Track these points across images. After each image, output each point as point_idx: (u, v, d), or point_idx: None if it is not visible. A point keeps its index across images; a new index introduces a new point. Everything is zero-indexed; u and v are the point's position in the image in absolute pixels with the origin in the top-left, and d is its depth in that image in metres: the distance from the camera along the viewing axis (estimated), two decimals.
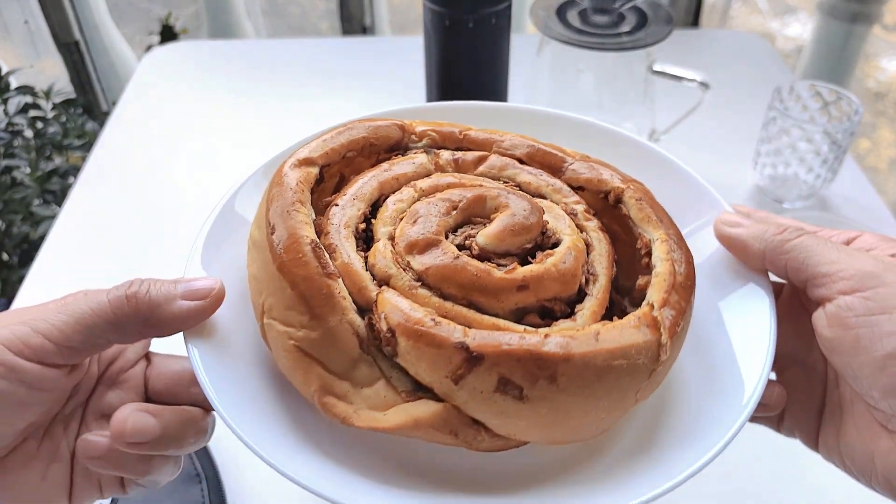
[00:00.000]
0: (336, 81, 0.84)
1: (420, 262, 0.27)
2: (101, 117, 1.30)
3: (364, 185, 0.30)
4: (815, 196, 0.67)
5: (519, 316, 0.27)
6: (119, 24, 1.48)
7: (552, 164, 0.33)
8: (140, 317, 0.26)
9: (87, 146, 1.07)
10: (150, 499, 0.42)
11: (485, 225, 0.29)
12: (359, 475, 0.26)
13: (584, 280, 0.28)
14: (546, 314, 0.27)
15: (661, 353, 0.26)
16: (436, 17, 0.52)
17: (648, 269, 0.29)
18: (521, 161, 0.33)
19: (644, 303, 0.28)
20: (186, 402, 0.29)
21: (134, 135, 0.77)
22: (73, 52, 1.38)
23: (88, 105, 1.39)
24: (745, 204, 0.67)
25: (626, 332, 0.25)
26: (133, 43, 1.56)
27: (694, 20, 1.18)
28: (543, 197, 0.31)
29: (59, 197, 0.99)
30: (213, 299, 0.27)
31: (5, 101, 1.08)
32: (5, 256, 1.00)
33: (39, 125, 1.09)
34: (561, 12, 0.64)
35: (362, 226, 0.29)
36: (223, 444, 0.47)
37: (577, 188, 0.32)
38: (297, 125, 0.66)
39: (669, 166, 0.36)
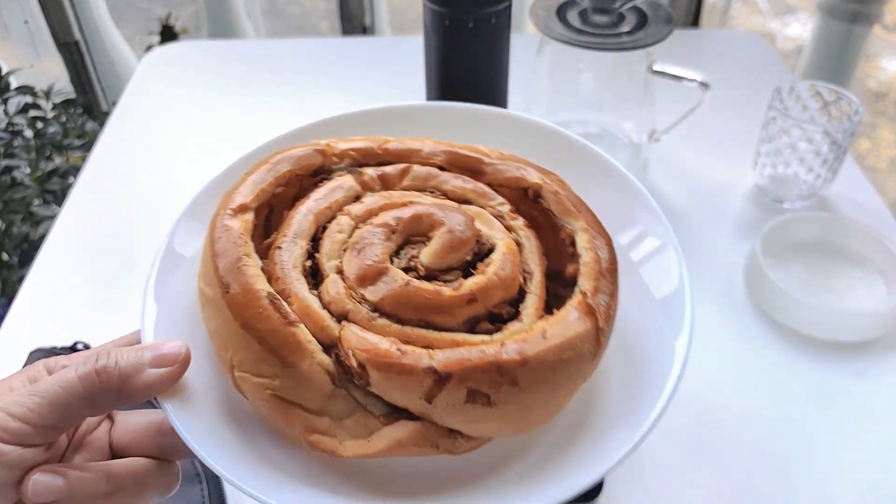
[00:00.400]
0: (336, 81, 0.84)
1: (373, 292, 0.29)
2: (101, 117, 1.30)
3: (301, 221, 0.31)
4: (815, 196, 0.67)
5: (471, 325, 0.29)
6: (119, 24, 1.48)
7: (472, 167, 0.34)
8: (112, 390, 0.27)
9: (87, 146, 1.07)
10: None
11: (424, 243, 0.30)
12: (327, 492, 0.28)
13: (522, 279, 0.30)
14: (495, 318, 0.29)
15: (601, 337, 0.29)
16: (436, 17, 0.52)
17: (574, 257, 0.31)
18: (441, 168, 0.34)
19: (576, 291, 0.30)
20: (153, 453, 0.30)
21: (134, 135, 0.77)
22: (73, 52, 1.38)
23: (88, 105, 1.39)
24: (745, 204, 0.67)
25: (569, 325, 0.28)
26: (133, 43, 1.56)
27: (694, 20, 1.18)
28: (470, 203, 0.33)
29: (59, 197, 0.99)
30: (182, 364, 0.28)
31: (5, 101, 1.08)
32: (5, 256, 1.00)
33: (39, 125, 1.09)
34: (561, 12, 0.64)
35: (308, 263, 0.30)
36: None
37: (498, 187, 0.34)
38: (296, 125, 0.66)
39: (584, 151, 0.37)
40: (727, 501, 0.45)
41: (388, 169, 0.34)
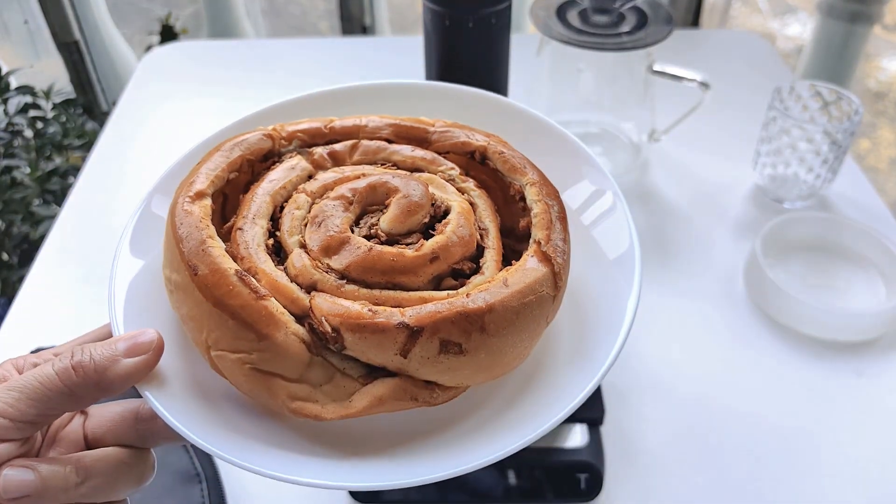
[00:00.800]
0: (336, 81, 0.84)
1: (338, 261, 0.30)
2: (100, 117, 1.30)
3: (258, 202, 0.32)
4: (815, 196, 0.67)
5: (436, 283, 0.30)
6: (119, 24, 1.48)
7: (418, 137, 0.36)
8: (91, 383, 0.28)
9: (87, 146, 1.07)
10: (150, 498, 0.42)
11: (382, 211, 0.32)
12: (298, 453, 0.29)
13: (479, 236, 0.32)
14: (458, 275, 0.31)
15: (558, 280, 0.31)
16: (436, 17, 0.52)
17: (525, 211, 0.33)
18: (389, 141, 0.36)
19: (531, 241, 0.32)
20: (129, 441, 0.30)
21: (134, 135, 0.77)
22: (72, 52, 1.38)
23: (88, 105, 1.39)
24: (745, 204, 0.67)
25: (528, 272, 0.30)
26: (133, 43, 1.56)
27: (694, 20, 1.18)
28: (421, 170, 0.34)
29: (59, 197, 0.99)
30: (156, 351, 0.29)
31: (5, 101, 1.08)
32: (5, 256, 1.00)
33: (39, 125, 1.09)
34: (561, 12, 0.64)
35: (270, 241, 0.31)
36: None
37: (445, 153, 0.35)
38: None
39: (522, 115, 0.39)
40: (727, 501, 0.45)
41: (338, 146, 0.35)
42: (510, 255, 0.32)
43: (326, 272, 0.29)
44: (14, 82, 1.13)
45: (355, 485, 0.28)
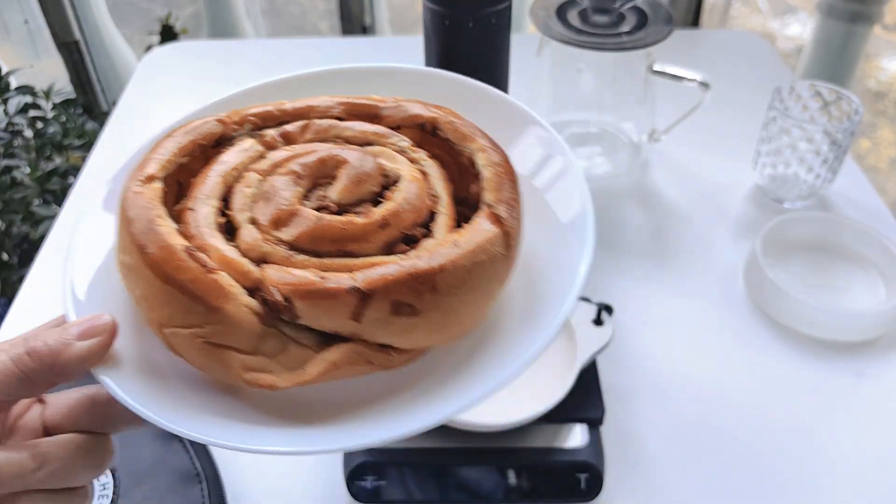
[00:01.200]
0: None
1: (289, 233, 0.30)
2: (100, 117, 1.30)
3: (209, 183, 0.32)
4: (815, 196, 0.67)
5: (388, 250, 0.30)
6: (119, 24, 1.48)
7: (369, 113, 0.36)
8: (45, 367, 0.28)
9: (87, 146, 1.07)
10: (149, 498, 0.42)
11: (332, 184, 0.32)
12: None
13: (430, 203, 0.32)
14: (410, 241, 0.31)
15: (510, 240, 0.31)
16: (436, 17, 0.52)
17: (476, 177, 0.33)
18: (340, 119, 0.36)
19: (481, 204, 0.32)
20: (87, 427, 0.30)
21: (134, 135, 0.77)
22: (72, 52, 1.38)
23: (88, 105, 1.39)
24: (745, 204, 0.67)
25: (478, 232, 0.30)
26: (133, 43, 1.56)
27: (694, 20, 1.18)
28: (372, 144, 0.35)
29: (59, 197, 0.99)
30: (110, 333, 0.29)
31: (5, 101, 1.08)
32: (5, 256, 1.00)
33: (39, 125, 1.09)
34: (561, 12, 0.64)
35: (221, 220, 0.31)
36: None
37: (397, 128, 0.36)
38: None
39: (475, 89, 0.40)
40: (727, 501, 0.45)
41: (289, 127, 0.35)
42: (465, 223, 0.32)
43: (276, 244, 0.29)
44: (14, 82, 1.13)
45: (307, 449, 0.29)
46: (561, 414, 0.44)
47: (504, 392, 0.46)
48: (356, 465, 0.42)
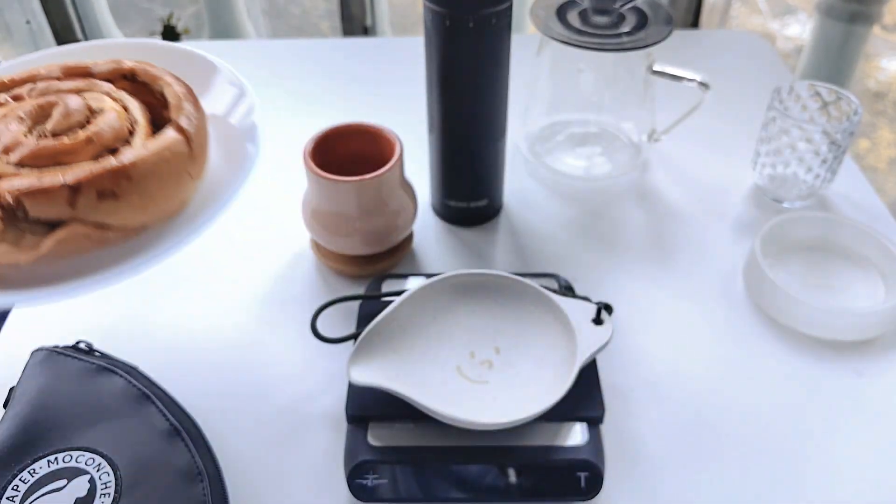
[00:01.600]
0: (337, 82, 0.84)
1: (15, 156, 0.41)
2: None
3: None
4: (814, 196, 0.67)
5: (96, 161, 0.41)
6: (121, 25, 1.48)
7: (83, 72, 0.48)
8: None
9: None
10: (151, 496, 0.42)
11: (48, 120, 0.43)
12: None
13: (130, 127, 0.44)
14: (114, 153, 0.41)
15: (190, 141, 0.42)
16: (436, 18, 0.52)
17: (166, 105, 0.45)
18: (59, 79, 0.47)
19: (170, 121, 0.44)
20: None
21: None
22: None
23: None
24: (744, 204, 0.68)
25: (164, 138, 0.42)
26: None
27: (694, 20, 1.18)
28: (83, 91, 0.46)
29: None
30: None
31: None
32: None
33: None
34: (561, 12, 0.64)
35: None
36: (226, 440, 0.47)
37: (106, 79, 0.47)
38: (298, 125, 0.66)
39: (180, 52, 0.55)
40: (726, 500, 0.45)
41: (19, 90, 0.46)
42: None
43: (6, 165, 0.40)
44: None
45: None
46: (561, 413, 0.44)
47: (504, 391, 0.47)
48: (357, 463, 0.43)
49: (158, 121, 0.45)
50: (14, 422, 0.43)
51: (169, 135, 0.42)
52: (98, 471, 0.41)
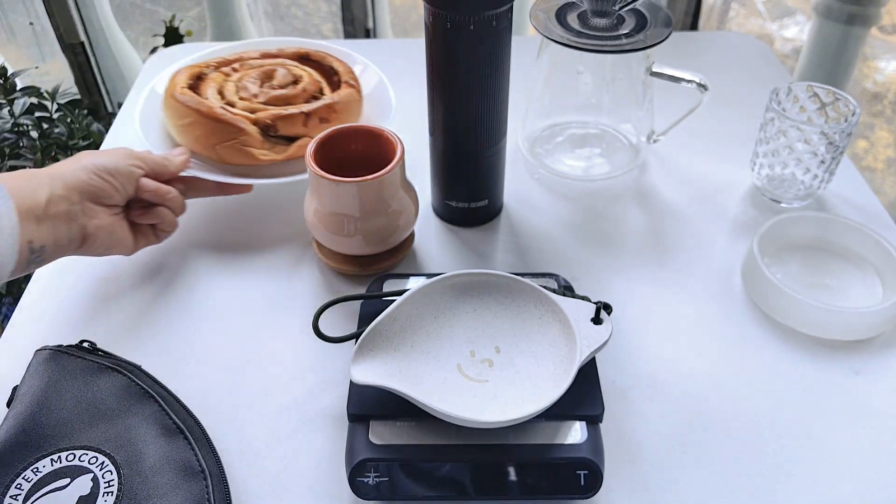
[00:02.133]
0: None
1: (260, 98, 0.65)
2: (106, 118, 1.31)
3: (210, 88, 0.67)
4: (812, 197, 0.67)
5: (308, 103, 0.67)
6: (124, 26, 1.49)
7: (273, 55, 0.72)
8: (161, 166, 0.58)
9: (93, 147, 1.08)
10: (153, 494, 0.42)
11: (272, 79, 0.68)
12: None
13: (318, 84, 0.68)
14: (315, 99, 0.67)
15: (358, 91, 0.69)
16: (437, 20, 0.52)
17: (336, 73, 0.70)
18: (258, 58, 0.71)
19: (342, 83, 0.69)
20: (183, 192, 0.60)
21: (139, 136, 0.78)
22: (78, 54, 1.39)
23: (94, 106, 1.39)
24: (742, 204, 0.68)
25: (344, 90, 0.67)
26: (138, 45, 1.57)
27: (693, 22, 1.19)
28: (280, 66, 0.70)
29: None
30: (189, 154, 0.62)
31: (11, 102, 1.09)
32: None
33: (45, 126, 1.10)
34: (560, 14, 0.65)
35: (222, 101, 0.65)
36: (228, 438, 0.48)
37: (290, 59, 0.71)
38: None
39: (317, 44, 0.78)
40: (725, 500, 0.45)
41: (234, 65, 0.70)
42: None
43: (257, 103, 0.65)
44: (20, 83, 1.14)
45: None
46: (560, 411, 0.44)
47: (504, 390, 0.47)
48: (358, 461, 0.43)
49: (329, 84, 0.69)
50: (17, 420, 0.43)
51: (347, 89, 0.67)
52: (101, 469, 0.42)
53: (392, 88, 0.71)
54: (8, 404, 0.47)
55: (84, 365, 0.47)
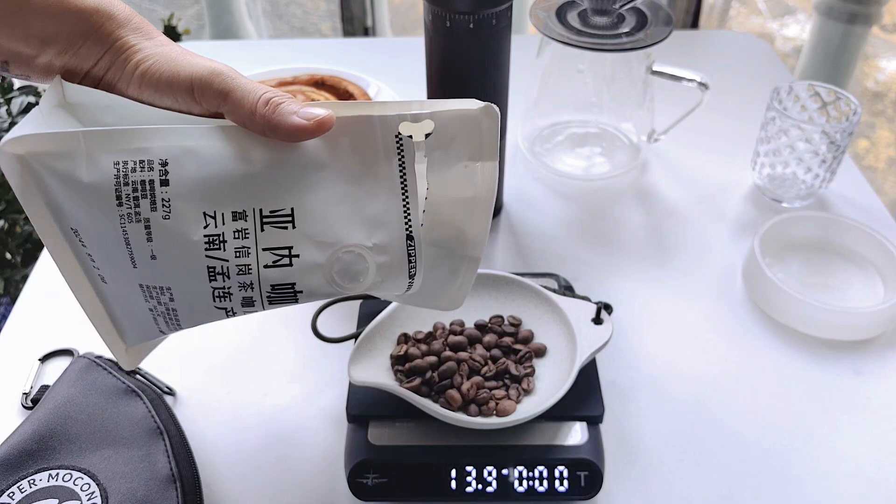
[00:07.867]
0: None
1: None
2: None
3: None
4: (813, 196, 0.67)
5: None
6: None
7: (290, 82, 0.74)
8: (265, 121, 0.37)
9: None
10: (125, 502, 0.41)
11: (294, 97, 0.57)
12: None
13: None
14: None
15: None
16: (437, 18, 0.52)
17: (351, 96, 0.70)
18: (277, 86, 0.69)
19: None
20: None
21: None
22: None
23: None
24: (743, 204, 0.68)
25: (356, 101, 0.46)
26: None
27: (693, 21, 1.18)
28: (297, 92, 0.70)
29: None
30: (319, 124, 0.36)
31: (8, 102, 1.08)
32: (8, 256, 1.00)
33: None
34: (561, 13, 0.65)
35: None
36: (227, 439, 0.48)
37: (306, 85, 0.73)
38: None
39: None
40: (726, 500, 0.45)
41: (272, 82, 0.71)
42: None
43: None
44: (17, 83, 1.14)
45: None
46: (560, 412, 0.44)
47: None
48: (357, 462, 0.43)
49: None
50: (34, 427, 0.44)
51: (359, 101, 0.71)
52: (88, 499, 0.41)
53: (392, 89, 0.71)
54: (34, 403, 0.48)
55: (113, 384, 0.47)
